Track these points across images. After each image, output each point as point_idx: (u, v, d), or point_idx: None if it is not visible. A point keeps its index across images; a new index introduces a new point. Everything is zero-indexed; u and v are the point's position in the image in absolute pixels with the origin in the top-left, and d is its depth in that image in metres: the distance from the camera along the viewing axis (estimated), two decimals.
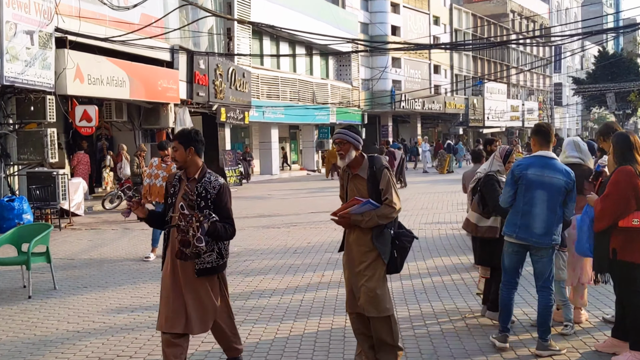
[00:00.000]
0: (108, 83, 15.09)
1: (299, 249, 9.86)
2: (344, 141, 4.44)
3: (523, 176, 4.82)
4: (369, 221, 4.31)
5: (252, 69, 26.66)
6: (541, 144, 4.92)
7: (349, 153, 4.42)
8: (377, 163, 4.43)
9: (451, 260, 8.84)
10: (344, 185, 4.58)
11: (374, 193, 4.34)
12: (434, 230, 11.67)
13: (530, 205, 4.80)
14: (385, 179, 4.35)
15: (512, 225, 4.90)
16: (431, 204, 16.32)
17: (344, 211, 4.37)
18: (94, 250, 10.26)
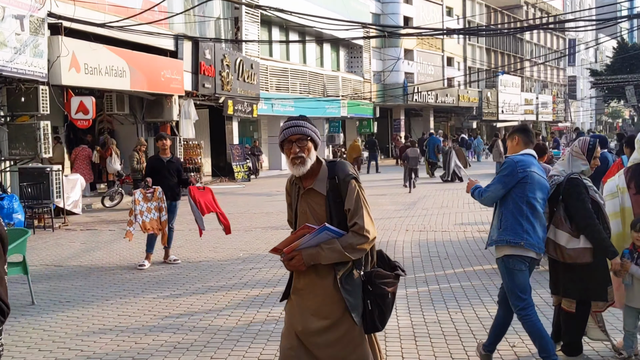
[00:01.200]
0: (107, 73, 14.15)
1: None
2: (305, 136, 3.07)
3: (528, 174, 4.28)
4: (330, 254, 2.96)
5: (261, 60, 25.66)
6: (526, 143, 4.49)
7: (311, 155, 3.08)
8: (341, 171, 3.09)
9: (483, 268, 7.82)
10: (292, 205, 3.24)
11: (336, 216, 3.04)
12: (459, 232, 10.64)
13: (534, 207, 4.26)
14: (353, 194, 3.03)
15: (515, 231, 4.21)
16: (451, 202, 15.29)
17: (291, 245, 3.01)
18: (85, 255, 9.32)
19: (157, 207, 8.16)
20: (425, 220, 12.22)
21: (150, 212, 8.10)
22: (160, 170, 8.36)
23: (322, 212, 3.07)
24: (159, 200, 8.16)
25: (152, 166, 8.56)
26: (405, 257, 8.55)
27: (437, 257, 8.53)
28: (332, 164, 3.13)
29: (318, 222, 3.04)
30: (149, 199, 8.13)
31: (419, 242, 9.76)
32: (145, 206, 8.09)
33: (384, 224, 11.70)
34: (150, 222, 8.06)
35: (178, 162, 8.69)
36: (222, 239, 10.27)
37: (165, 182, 8.31)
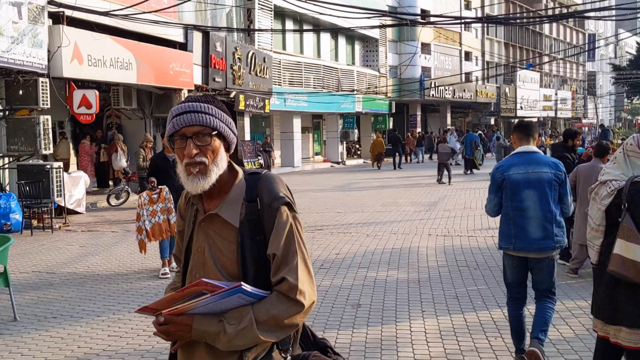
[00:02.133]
0: (112, 65, 13.44)
1: (326, 263, 8.11)
2: (207, 129, 1.94)
3: (506, 178, 4.37)
4: (238, 335, 1.86)
5: (274, 54, 24.88)
6: (521, 139, 4.47)
7: (218, 160, 1.95)
8: (267, 190, 1.97)
9: None
10: (185, 235, 2.09)
11: (254, 263, 1.93)
12: (487, 237, 9.81)
13: (521, 209, 4.33)
14: (283, 230, 1.94)
15: (506, 236, 4.44)
16: (473, 203, 14.44)
17: (175, 309, 1.85)
18: (81, 260, 8.62)
19: (163, 209, 7.39)
20: (449, 223, 11.41)
21: (155, 215, 7.32)
22: (166, 169, 7.50)
23: (231, 254, 1.93)
24: (165, 201, 7.41)
25: (156, 165, 7.79)
26: (431, 267, 7.75)
27: (467, 267, 7.72)
28: (254, 178, 2.00)
29: (221, 270, 1.93)
30: (154, 201, 7.38)
31: (444, 248, 8.96)
32: (150, 209, 7.33)
33: (404, 227, 10.91)
34: (152, 229, 7.27)
35: None
36: None
37: (171, 181, 7.43)
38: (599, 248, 3.66)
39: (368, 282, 7.01)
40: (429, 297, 6.36)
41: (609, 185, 3.62)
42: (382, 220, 11.93)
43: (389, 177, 23.00)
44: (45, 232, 11.07)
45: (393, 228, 10.88)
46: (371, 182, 20.81)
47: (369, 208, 13.80)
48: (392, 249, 8.98)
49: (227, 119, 1.99)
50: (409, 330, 5.40)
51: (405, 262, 8.09)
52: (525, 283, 4.56)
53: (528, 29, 57.14)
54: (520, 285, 4.53)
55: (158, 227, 7.32)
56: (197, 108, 1.94)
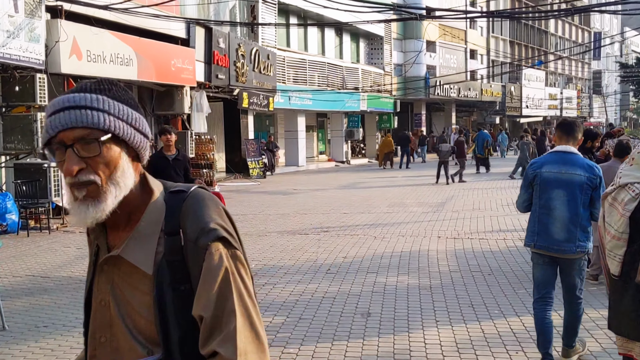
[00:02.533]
0: (112, 61, 13.11)
1: (333, 267, 7.75)
2: (96, 132, 1.33)
3: (537, 175, 4.32)
4: None
5: (278, 51, 24.53)
6: (560, 138, 4.43)
7: (117, 175, 1.36)
8: (194, 218, 1.39)
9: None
10: (87, 279, 1.54)
11: (178, 326, 1.36)
12: (499, 240, 9.45)
13: (548, 208, 4.27)
14: (215, 276, 1.35)
15: (530, 233, 4.40)
16: (482, 203, 14.07)
17: None
18: (78, 263, 8.28)
19: None
20: (458, 225, 11.04)
21: None
22: (165, 169, 7.05)
23: (145, 311, 1.38)
24: None
25: (155, 165, 7.11)
26: (443, 272, 7.39)
27: (480, 273, 7.35)
28: (177, 199, 1.43)
29: (134, 333, 1.39)
30: None
31: (455, 252, 8.59)
32: None
33: (412, 229, 10.54)
34: None
35: (185, 159, 7.47)
36: None
37: (172, 182, 7.16)
38: (622, 258, 3.28)
39: (378, 288, 6.66)
40: (442, 305, 6.01)
41: (632, 188, 3.24)
42: (389, 221, 11.58)
43: (394, 176, 22.64)
44: (42, 233, 10.74)
45: (401, 230, 10.53)
46: (376, 182, 20.46)
47: (376, 209, 13.44)
48: (401, 252, 8.62)
49: (129, 114, 1.38)
50: (423, 341, 5.05)
51: (415, 266, 7.73)
52: (552, 283, 4.44)
53: (533, 27, 56.71)
54: (545, 285, 4.42)
55: None
56: (79, 102, 1.33)
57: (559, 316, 5.02)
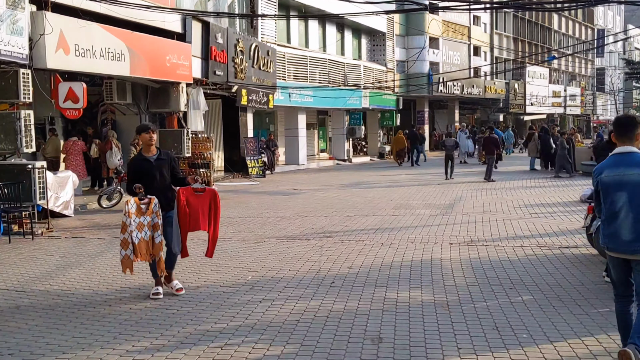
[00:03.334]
0: (102, 56, 12.40)
1: (338, 279, 7.05)
2: None
3: (599, 181, 4.41)
4: None
5: (278, 47, 23.80)
6: (617, 139, 4.41)
7: None
8: None
9: (571, 310, 5.93)
10: None
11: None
12: (516, 247, 8.74)
13: (613, 211, 4.30)
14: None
15: (603, 235, 4.43)
16: (493, 205, 13.37)
17: None
18: (59, 274, 7.58)
19: (150, 224, 6.17)
20: (470, 229, 10.34)
21: (142, 229, 6.13)
22: (149, 172, 6.37)
23: None
24: (153, 215, 6.19)
25: (137, 169, 6.45)
26: (459, 285, 6.69)
27: (500, 286, 6.65)
28: None
29: None
30: (143, 212, 6.17)
31: (470, 261, 7.89)
32: (138, 221, 6.12)
33: (422, 234, 9.84)
34: (140, 245, 6.11)
35: (170, 158, 6.61)
36: (227, 254, 8.49)
37: (157, 188, 6.34)
38: None
39: (388, 306, 5.96)
40: (463, 328, 5.31)
41: None
42: (395, 225, 10.88)
43: (397, 175, 21.94)
44: (26, 239, 10.04)
45: (409, 235, 9.83)
46: (380, 181, 19.76)
47: (381, 211, 12.75)
48: (411, 261, 7.92)
49: None
50: None
51: (428, 278, 7.04)
52: (630, 282, 4.42)
53: (537, 23, 55.95)
54: (623, 285, 4.45)
55: (145, 245, 6.15)
56: None
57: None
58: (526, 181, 18.78)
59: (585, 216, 8.36)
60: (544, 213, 12.10)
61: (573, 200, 13.98)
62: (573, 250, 8.51)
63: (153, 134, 6.46)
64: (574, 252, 8.34)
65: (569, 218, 11.35)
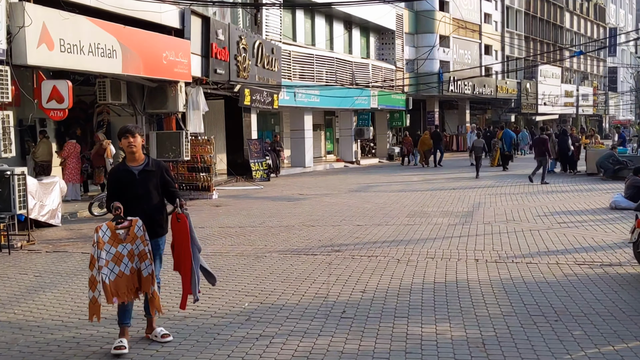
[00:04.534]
0: (91, 52, 11.43)
1: (350, 307, 6.02)
2: None
3: None
4: None
5: (283, 45, 22.81)
6: None
7: None
8: None
9: (629, 346, 4.88)
10: None
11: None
12: (551, 264, 7.67)
13: None
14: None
15: None
16: (515, 213, 12.29)
17: None
18: (27, 298, 6.59)
19: (131, 254, 4.91)
20: (495, 242, 9.28)
21: (120, 262, 4.88)
22: (132, 187, 5.09)
23: None
24: (137, 241, 4.93)
25: (117, 181, 5.15)
26: (494, 316, 5.64)
27: (543, 318, 5.60)
28: None
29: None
30: (120, 240, 4.88)
31: (502, 283, 6.84)
32: (113, 252, 4.85)
33: (442, 248, 8.79)
34: (115, 283, 4.84)
35: (161, 169, 5.25)
36: (222, 272, 7.46)
37: (141, 206, 5.06)
38: None
39: (412, 345, 4.93)
40: None
41: None
42: (411, 236, 9.84)
43: (409, 178, 20.89)
44: (2, 254, 9.06)
45: (428, 249, 8.79)
46: (390, 185, 18.72)
47: (394, 219, 11.71)
48: (433, 283, 6.88)
49: None
50: None
51: (456, 306, 5.99)
52: None
53: (549, 22, 54.79)
54: None
55: (124, 282, 4.90)
56: None
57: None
58: (545, 185, 17.68)
59: (632, 229, 7.32)
60: (573, 222, 11.03)
61: (602, 207, 12.90)
62: (617, 268, 7.44)
63: (132, 139, 5.11)
64: (619, 272, 7.28)
65: (602, 228, 10.27)
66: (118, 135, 5.24)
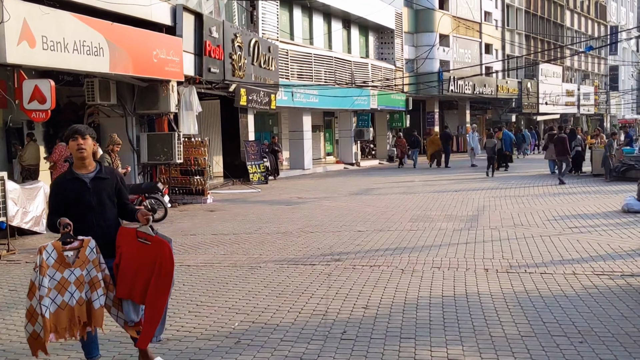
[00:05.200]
0: (76, 50, 10.85)
1: (351, 326, 5.45)
2: None
3: None
4: None
5: (280, 44, 22.24)
6: None
7: None
8: None
9: None
10: None
11: None
12: (567, 274, 7.09)
13: None
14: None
15: None
16: (522, 217, 11.72)
17: None
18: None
19: (80, 281, 4.11)
20: (504, 249, 8.70)
21: (65, 290, 4.05)
22: (83, 198, 4.31)
23: None
24: (89, 266, 4.14)
25: (64, 195, 4.31)
26: (511, 338, 5.06)
27: (565, 338, 5.03)
28: None
29: None
30: (68, 263, 4.08)
31: (517, 297, 6.26)
32: (58, 277, 4.04)
33: (448, 256, 8.21)
34: (57, 315, 4.02)
35: (115, 178, 4.53)
36: (212, 286, 6.89)
37: (96, 221, 4.33)
38: None
39: None
40: None
41: None
42: (415, 243, 9.26)
43: (410, 180, 20.32)
44: None
45: (434, 257, 8.21)
46: (392, 188, 18.15)
47: (396, 225, 11.14)
48: (442, 296, 6.31)
49: None
50: None
51: (467, 324, 5.42)
52: None
53: (549, 20, 54.24)
54: None
55: (66, 315, 4.08)
56: None
57: None
58: (551, 187, 17.13)
59: None
60: (585, 227, 10.45)
61: (613, 210, 12.33)
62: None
63: (83, 140, 4.28)
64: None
65: (618, 234, 9.70)
66: (65, 137, 4.45)
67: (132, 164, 14.43)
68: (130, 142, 14.52)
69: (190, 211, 13.89)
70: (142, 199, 12.02)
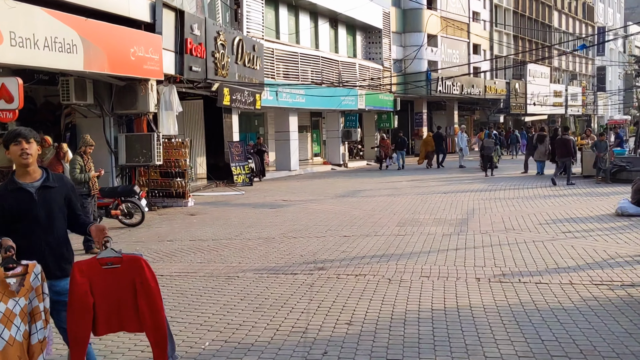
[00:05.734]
0: (47, 46, 10.31)
1: (332, 344, 4.98)
2: None
3: None
4: None
5: (266, 42, 21.75)
6: None
7: None
8: None
9: None
10: None
11: None
12: (564, 283, 6.66)
13: None
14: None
15: None
16: (513, 221, 11.32)
17: None
18: None
19: (25, 312, 3.49)
20: (496, 256, 8.29)
21: (12, 324, 3.41)
22: (28, 211, 3.75)
23: None
24: (31, 294, 3.53)
25: (5, 209, 3.73)
26: (508, 359, 4.61)
27: (566, 358, 4.60)
28: None
29: None
30: (12, 292, 3.43)
31: (511, 310, 5.83)
32: (3, 309, 3.39)
33: (437, 263, 7.77)
34: (6, 354, 3.37)
35: (65, 185, 3.96)
36: (184, 299, 6.41)
37: (44, 237, 3.78)
38: None
39: None
40: None
41: None
42: (403, 250, 8.82)
43: (398, 182, 19.90)
44: None
45: (422, 265, 7.77)
46: (379, 189, 17.71)
47: (383, 229, 10.70)
48: (431, 310, 5.86)
49: None
50: None
51: (459, 342, 4.98)
52: None
53: (537, 20, 54.15)
54: None
55: (15, 352, 3.41)
56: None
57: None
58: (541, 189, 16.78)
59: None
60: (579, 231, 10.06)
61: (607, 213, 11.97)
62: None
63: (28, 145, 3.75)
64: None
65: (613, 239, 9.31)
66: (5, 141, 3.79)
67: (110, 166, 13.90)
68: (107, 144, 13.99)
69: (169, 215, 13.38)
70: (118, 202, 11.50)
